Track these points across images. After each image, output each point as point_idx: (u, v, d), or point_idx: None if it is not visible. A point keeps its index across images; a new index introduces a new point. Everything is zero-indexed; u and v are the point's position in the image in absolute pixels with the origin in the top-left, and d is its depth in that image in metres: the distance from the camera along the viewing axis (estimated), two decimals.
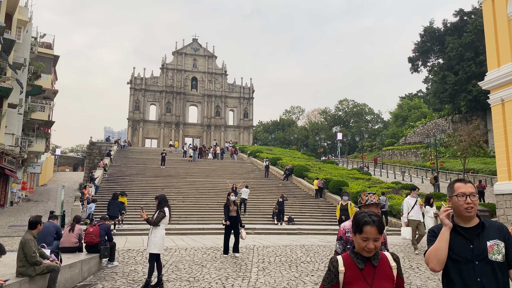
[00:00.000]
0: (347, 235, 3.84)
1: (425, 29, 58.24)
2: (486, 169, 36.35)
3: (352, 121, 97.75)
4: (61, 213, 20.17)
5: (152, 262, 8.16)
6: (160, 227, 8.18)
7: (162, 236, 8.23)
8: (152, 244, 8.10)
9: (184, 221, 21.77)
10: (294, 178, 32.66)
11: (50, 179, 55.98)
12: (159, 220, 8.12)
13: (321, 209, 25.51)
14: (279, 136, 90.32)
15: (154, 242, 8.10)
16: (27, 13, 31.47)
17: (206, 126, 69.17)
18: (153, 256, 8.14)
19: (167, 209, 8.29)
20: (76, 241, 10.15)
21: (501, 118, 16.74)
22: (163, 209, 8.22)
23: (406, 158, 55.50)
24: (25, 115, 33.19)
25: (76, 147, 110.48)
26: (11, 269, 7.19)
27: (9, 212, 27.54)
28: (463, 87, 48.57)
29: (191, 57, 70.88)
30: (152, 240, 8.11)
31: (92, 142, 45.56)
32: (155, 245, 8.10)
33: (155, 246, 8.10)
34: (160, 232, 8.18)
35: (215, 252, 11.86)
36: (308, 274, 9.24)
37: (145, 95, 67.57)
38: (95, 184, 26.54)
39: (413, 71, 62.16)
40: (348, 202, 12.49)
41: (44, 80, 36.75)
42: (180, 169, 35.40)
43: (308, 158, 46.39)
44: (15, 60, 27.88)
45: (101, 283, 8.66)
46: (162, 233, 8.26)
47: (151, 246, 8.11)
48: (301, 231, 19.51)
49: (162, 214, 8.17)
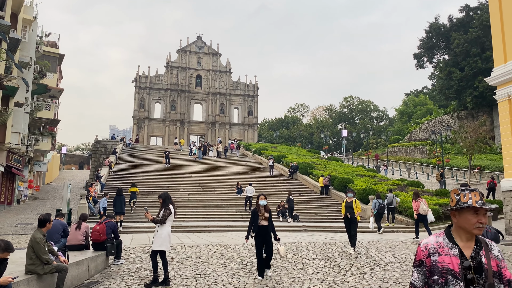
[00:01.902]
0: (433, 258, 2.50)
1: (431, 25, 57.85)
2: (493, 166, 36.11)
3: (357, 118, 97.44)
4: (68, 211, 20.28)
5: (155, 258, 8.20)
6: (166, 224, 8.20)
7: (168, 233, 8.24)
8: (157, 241, 8.11)
9: (189, 218, 21.83)
10: (299, 176, 32.63)
11: (56, 178, 56.32)
12: (165, 218, 8.13)
13: (326, 206, 25.47)
14: (283, 134, 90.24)
15: (159, 240, 8.11)
16: (32, 12, 31.61)
17: (211, 124, 69.25)
18: (155, 252, 8.18)
19: (171, 206, 8.32)
20: (82, 239, 10.21)
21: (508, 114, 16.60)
22: (168, 206, 8.24)
23: (412, 155, 55.26)
24: (31, 114, 33.40)
25: (82, 145, 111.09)
26: (19, 267, 7.24)
27: (16, 210, 27.74)
28: (469, 83, 48.23)
29: (195, 55, 70.93)
30: (158, 238, 8.11)
31: (97, 140, 45.73)
32: (161, 243, 8.11)
33: (161, 243, 8.11)
34: (166, 229, 8.19)
35: (221, 250, 11.88)
36: (314, 272, 9.24)
37: (150, 93, 67.75)
38: (101, 182, 26.66)
39: (419, 68, 61.83)
40: (353, 199, 12.32)
41: (49, 78, 36.94)
42: (185, 167, 35.47)
43: (313, 155, 46.32)
44: (20, 59, 28.02)
45: (108, 280, 8.70)
46: (169, 230, 8.28)
47: (157, 243, 8.11)
48: (306, 228, 19.50)
49: (168, 211, 8.18)
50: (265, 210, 9.04)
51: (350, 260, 10.43)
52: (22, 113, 29.14)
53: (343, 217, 12.56)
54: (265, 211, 9.03)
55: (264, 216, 8.97)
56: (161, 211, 8.24)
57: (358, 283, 8.18)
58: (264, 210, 9.03)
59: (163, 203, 8.30)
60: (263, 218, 8.93)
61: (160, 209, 8.36)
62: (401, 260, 10.33)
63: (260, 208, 9.05)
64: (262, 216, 8.95)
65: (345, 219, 12.34)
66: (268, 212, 9.03)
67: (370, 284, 8.07)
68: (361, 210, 13.10)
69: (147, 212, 8.22)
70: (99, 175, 28.00)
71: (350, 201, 12.28)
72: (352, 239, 11.82)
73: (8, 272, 6.19)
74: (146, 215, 8.20)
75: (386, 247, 12.36)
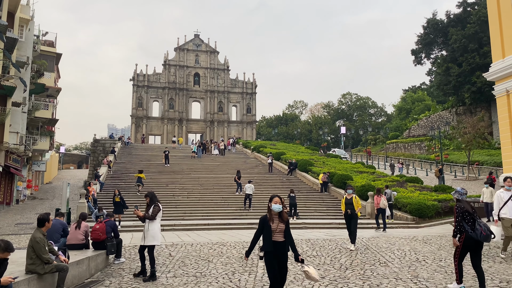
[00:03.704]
0: None
1: (428, 21, 57.82)
2: (491, 161, 36.20)
3: (356, 114, 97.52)
4: (67, 211, 20.27)
5: (143, 253, 8.72)
6: (156, 221, 8.66)
7: (158, 228, 8.75)
8: (150, 237, 8.55)
9: (189, 217, 21.84)
10: (298, 173, 32.65)
11: (55, 177, 56.26)
12: (155, 214, 8.60)
13: (326, 203, 25.50)
14: (282, 131, 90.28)
15: (152, 235, 8.55)
16: (29, 11, 31.50)
17: (209, 122, 69.22)
18: (144, 248, 8.66)
19: (159, 204, 8.82)
20: (82, 238, 10.21)
21: (506, 109, 16.63)
22: (157, 203, 8.73)
23: (410, 151, 55.36)
24: (29, 113, 33.32)
25: (80, 145, 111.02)
26: (20, 267, 7.23)
27: (15, 210, 27.71)
28: (467, 79, 48.28)
29: (193, 53, 70.83)
30: (150, 234, 8.54)
31: (96, 139, 45.69)
32: (153, 238, 8.58)
33: (154, 238, 8.58)
34: (157, 225, 8.69)
35: (221, 247, 11.88)
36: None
37: (148, 92, 67.66)
38: (100, 181, 26.64)
39: (417, 64, 61.85)
40: (352, 196, 12.33)
41: (47, 78, 36.84)
42: (184, 165, 35.44)
43: (312, 152, 46.33)
44: (18, 59, 27.94)
45: (109, 279, 8.71)
46: (159, 226, 8.79)
47: (149, 239, 8.55)
48: (306, 225, 19.52)
49: (158, 208, 8.65)
50: (281, 219, 6.29)
51: (350, 257, 10.45)
52: (20, 112, 29.07)
53: (344, 214, 12.56)
54: (281, 221, 6.28)
55: (279, 227, 6.25)
56: (151, 208, 8.65)
57: (359, 279, 8.20)
58: (279, 219, 6.29)
59: (150, 201, 8.75)
60: (278, 231, 6.24)
61: (148, 207, 8.76)
62: (401, 256, 10.35)
63: (273, 216, 6.30)
64: (276, 227, 6.23)
65: (346, 216, 12.36)
66: (285, 222, 6.31)
67: (371, 280, 8.09)
68: (361, 206, 13.06)
69: (137, 210, 8.72)
70: (98, 174, 27.98)
71: (350, 198, 12.29)
72: (352, 235, 11.84)
73: (8, 272, 6.19)
74: (136, 213, 8.68)
75: (386, 243, 12.38)
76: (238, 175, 27.15)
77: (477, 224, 6.92)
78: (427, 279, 8.04)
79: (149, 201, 8.74)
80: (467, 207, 7.15)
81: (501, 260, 9.52)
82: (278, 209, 6.28)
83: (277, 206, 6.28)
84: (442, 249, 11.16)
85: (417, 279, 8.00)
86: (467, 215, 7.05)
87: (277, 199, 6.34)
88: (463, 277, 7.23)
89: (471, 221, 6.99)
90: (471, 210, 7.14)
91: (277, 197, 6.37)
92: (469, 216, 7.03)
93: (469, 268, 8.19)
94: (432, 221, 19.82)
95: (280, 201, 6.34)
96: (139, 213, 8.57)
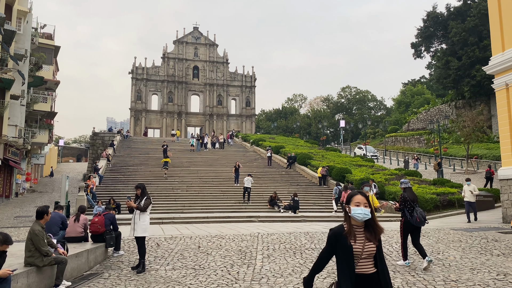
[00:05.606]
0: None
1: (428, 14, 57.58)
2: (490, 155, 36.26)
3: (355, 108, 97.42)
4: (66, 204, 20.31)
5: (143, 243, 8.82)
6: (147, 213, 8.81)
7: (148, 220, 8.94)
8: (141, 229, 8.67)
9: (188, 210, 21.89)
10: (297, 166, 32.67)
11: (54, 170, 56.22)
12: (147, 206, 8.71)
13: (325, 196, 25.56)
14: (281, 125, 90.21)
15: (142, 227, 8.68)
16: (27, 4, 31.30)
17: (209, 115, 69.12)
18: (143, 239, 8.79)
19: (150, 197, 9.03)
20: (81, 231, 10.24)
21: (506, 103, 16.60)
22: (148, 196, 8.86)
23: (410, 144, 55.41)
24: (27, 106, 33.26)
25: (79, 138, 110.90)
26: (18, 259, 7.25)
27: (15, 203, 27.75)
28: (466, 72, 48.19)
29: (192, 46, 70.54)
30: (140, 225, 8.67)
31: (95, 132, 45.61)
32: (144, 229, 8.71)
33: (144, 230, 8.71)
34: (147, 217, 8.87)
35: (220, 240, 11.92)
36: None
37: (147, 85, 67.46)
38: (99, 174, 26.65)
39: (416, 57, 61.69)
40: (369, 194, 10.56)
41: (45, 71, 36.71)
42: (183, 159, 35.45)
43: (311, 146, 46.34)
44: (16, 51, 27.81)
45: (108, 272, 8.74)
46: (148, 218, 8.96)
47: (139, 230, 8.67)
48: (305, 219, 19.58)
49: (149, 201, 8.81)
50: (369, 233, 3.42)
51: None
52: (18, 105, 29.00)
53: None
54: (369, 237, 3.41)
55: (367, 249, 3.38)
56: (143, 200, 8.74)
57: None
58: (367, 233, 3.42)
59: (142, 193, 8.82)
60: (365, 256, 3.38)
61: (140, 199, 8.83)
62: (399, 249, 10.39)
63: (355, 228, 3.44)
64: (362, 249, 3.37)
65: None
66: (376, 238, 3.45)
67: None
68: (378, 203, 11.81)
69: (130, 201, 8.89)
70: (97, 168, 27.99)
71: None
72: None
73: (7, 264, 6.20)
74: (128, 203, 8.80)
75: (384, 236, 12.42)
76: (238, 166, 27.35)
77: (415, 212, 8.24)
78: (425, 271, 8.07)
79: (140, 193, 8.80)
80: (410, 196, 8.48)
81: (498, 253, 9.57)
82: (364, 217, 3.39)
83: (362, 212, 3.39)
84: (440, 242, 11.21)
85: (414, 272, 8.04)
86: (408, 203, 8.38)
87: (360, 197, 3.47)
88: (407, 255, 8.60)
89: (411, 208, 8.32)
90: (413, 199, 8.46)
91: (360, 194, 3.51)
92: (410, 204, 8.37)
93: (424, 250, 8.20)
94: (431, 214, 19.88)
95: (366, 201, 3.45)
96: (132, 204, 8.64)
